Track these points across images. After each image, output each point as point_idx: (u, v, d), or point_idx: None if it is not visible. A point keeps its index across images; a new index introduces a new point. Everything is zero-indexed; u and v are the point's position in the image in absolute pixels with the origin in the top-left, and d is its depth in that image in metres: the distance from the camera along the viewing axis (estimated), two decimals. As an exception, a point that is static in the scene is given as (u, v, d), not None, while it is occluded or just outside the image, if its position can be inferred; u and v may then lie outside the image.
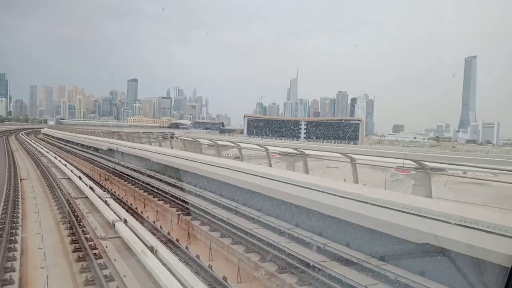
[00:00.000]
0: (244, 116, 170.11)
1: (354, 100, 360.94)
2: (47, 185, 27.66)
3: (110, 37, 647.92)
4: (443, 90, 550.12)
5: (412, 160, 15.21)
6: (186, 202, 22.22)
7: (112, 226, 15.82)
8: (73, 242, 14.48)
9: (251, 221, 18.11)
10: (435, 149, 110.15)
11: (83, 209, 19.91)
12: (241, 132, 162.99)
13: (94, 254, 12.87)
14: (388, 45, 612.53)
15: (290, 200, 16.45)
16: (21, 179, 29.51)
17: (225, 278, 11.55)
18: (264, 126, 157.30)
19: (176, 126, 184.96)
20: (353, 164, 16.84)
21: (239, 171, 20.97)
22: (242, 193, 21.01)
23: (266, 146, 23.21)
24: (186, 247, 14.82)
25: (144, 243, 12.93)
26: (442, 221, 9.91)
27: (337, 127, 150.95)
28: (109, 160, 45.76)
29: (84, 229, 16.32)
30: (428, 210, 10.39)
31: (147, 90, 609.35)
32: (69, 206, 19.96)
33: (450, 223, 9.68)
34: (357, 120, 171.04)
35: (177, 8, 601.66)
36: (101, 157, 49.56)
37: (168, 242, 15.19)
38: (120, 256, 12.67)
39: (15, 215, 18.08)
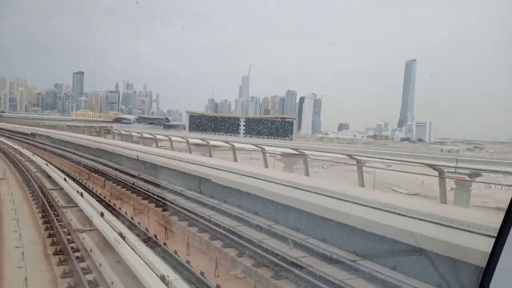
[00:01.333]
0: (186, 112, 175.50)
1: (302, 99, 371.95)
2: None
3: (56, 28, 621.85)
4: (385, 90, 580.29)
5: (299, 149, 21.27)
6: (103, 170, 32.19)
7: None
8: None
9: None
10: (364, 145, 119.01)
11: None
12: (184, 128, 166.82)
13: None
14: (340, 46, 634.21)
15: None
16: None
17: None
18: (205, 122, 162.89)
19: (120, 120, 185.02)
20: (263, 153, 24.02)
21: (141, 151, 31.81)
22: (140, 164, 30.33)
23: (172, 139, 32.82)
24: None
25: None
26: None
27: (272, 125, 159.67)
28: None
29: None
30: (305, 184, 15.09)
31: (94, 83, 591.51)
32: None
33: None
34: (291, 118, 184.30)
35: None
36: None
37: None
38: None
39: None
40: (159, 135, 46.08)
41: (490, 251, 2.50)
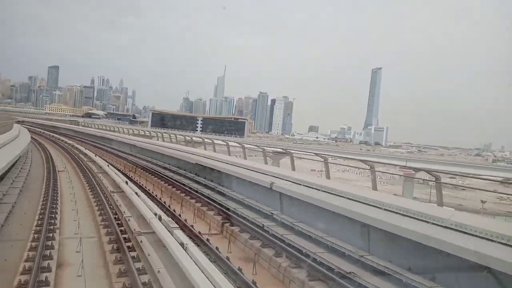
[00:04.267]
0: (149, 110, 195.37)
1: (273, 101, 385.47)
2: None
3: (31, 18, 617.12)
4: (353, 95, 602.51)
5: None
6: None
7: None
8: None
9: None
10: (317, 146, 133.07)
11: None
12: (147, 125, 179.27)
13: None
14: (315, 49, 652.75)
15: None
16: None
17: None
18: (167, 120, 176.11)
19: (89, 116, 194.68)
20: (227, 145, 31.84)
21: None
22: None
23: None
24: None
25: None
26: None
27: (227, 124, 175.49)
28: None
29: None
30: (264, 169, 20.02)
31: (70, 77, 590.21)
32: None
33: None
34: (243, 119, 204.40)
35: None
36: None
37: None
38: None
39: None
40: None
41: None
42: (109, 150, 43.63)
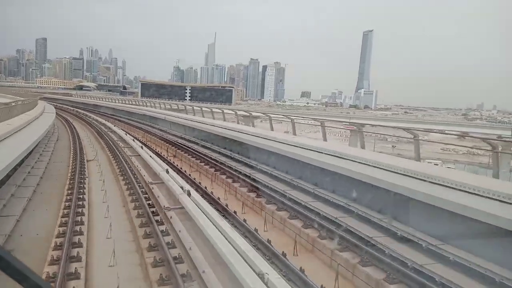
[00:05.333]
0: (139, 81, 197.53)
1: (265, 68, 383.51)
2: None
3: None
4: (346, 59, 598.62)
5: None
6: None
7: None
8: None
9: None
10: (305, 110, 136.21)
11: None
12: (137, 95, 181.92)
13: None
14: (310, 15, 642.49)
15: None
16: None
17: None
18: (156, 90, 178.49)
19: (80, 88, 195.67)
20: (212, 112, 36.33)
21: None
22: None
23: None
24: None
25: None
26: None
27: (214, 92, 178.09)
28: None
29: None
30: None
31: (58, 49, 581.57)
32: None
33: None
34: (230, 87, 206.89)
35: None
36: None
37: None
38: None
39: None
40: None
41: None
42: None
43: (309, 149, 16.90)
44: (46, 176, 18.32)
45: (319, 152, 16.12)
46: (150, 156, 18.42)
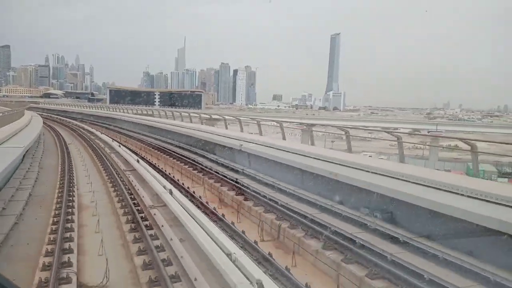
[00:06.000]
0: (107, 87, 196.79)
1: (236, 72, 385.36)
2: None
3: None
4: (316, 62, 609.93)
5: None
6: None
7: None
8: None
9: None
10: (276, 113, 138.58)
11: None
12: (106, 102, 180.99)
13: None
14: (283, 18, 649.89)
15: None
16: None
17: None
18: (124, 96, 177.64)
19: (48, 96, 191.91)
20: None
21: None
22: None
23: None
24: None
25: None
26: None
27: (184, 97, 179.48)
28: None
29: None
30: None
31: (23, 57, 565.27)
32: None
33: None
34: (200, 91, 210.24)
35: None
36: None
37: None
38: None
39: None
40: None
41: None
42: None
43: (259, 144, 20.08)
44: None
45: (268, 146, 19.06)
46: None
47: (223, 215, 13.34)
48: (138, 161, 19.30)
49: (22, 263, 9.41)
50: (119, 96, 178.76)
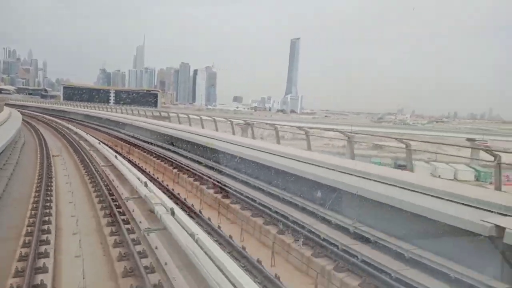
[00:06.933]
0: (60, 84, 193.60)
1: (196, 72, 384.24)
2: None
3: None
4: (277, 66, 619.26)
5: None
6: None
7: None
8: None
9: None
10: (233, 114, 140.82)
11: None
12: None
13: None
14: (246, 20, 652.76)
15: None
16: None
17: None
18: (79, 93, 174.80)
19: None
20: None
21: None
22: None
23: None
24: None
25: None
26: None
27: (140, 96, 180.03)
28: None
29: None
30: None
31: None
32: None
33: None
34: (156, 90, 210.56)
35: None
36: None
37: None
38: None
39: None
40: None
41: None
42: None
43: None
44: None
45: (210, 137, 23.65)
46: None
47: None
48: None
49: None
50: (73, 93, 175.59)
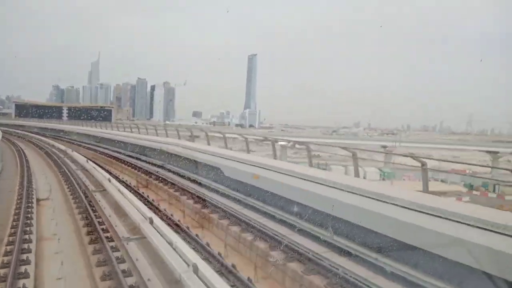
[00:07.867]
0: (12, 101, 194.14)
1: (153, 87, 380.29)
2: None
3: None
4: (237, 80, 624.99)
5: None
6: None
7: None
8: None
9: None
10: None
11: None
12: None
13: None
14: (204, 34, 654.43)
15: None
16: None
17: None
18: (31, 110, 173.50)
19: None
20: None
21: None
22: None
23: None
24: None
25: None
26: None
27: (94, 112, 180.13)
28: None
29: None
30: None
31: None
32: None
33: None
34: (110, 107, 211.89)
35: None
36: None
37: None
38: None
39: None
40: None
41: None
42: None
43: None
44: None
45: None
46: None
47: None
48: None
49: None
50: (26, 110, 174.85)
